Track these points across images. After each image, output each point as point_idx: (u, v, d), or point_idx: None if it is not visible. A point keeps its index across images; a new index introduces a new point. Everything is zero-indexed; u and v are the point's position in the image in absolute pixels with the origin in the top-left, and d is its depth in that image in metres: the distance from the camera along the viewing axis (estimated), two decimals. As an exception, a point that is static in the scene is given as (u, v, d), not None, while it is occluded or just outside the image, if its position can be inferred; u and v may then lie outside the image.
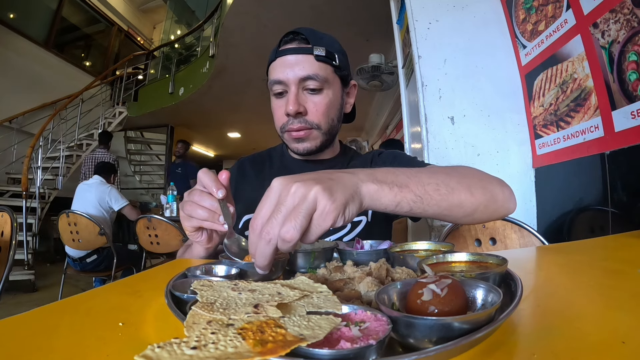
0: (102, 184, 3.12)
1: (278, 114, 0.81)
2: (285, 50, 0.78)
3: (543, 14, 1.26)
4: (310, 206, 0.38)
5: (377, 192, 0.45)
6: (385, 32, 2.84)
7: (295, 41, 0.79)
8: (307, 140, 0.80)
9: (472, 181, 0.55)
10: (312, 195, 0.38)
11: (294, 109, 0.75)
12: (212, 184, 0.54)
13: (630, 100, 0.91)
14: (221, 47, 4.41)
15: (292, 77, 0.76)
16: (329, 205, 0.38)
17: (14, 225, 1.21)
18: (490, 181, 0.59)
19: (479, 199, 0.54)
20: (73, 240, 2.81)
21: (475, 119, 1.46)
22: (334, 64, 0.79)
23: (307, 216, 0.37)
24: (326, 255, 0.53)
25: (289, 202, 0.38)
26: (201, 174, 0.55)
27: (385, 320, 0.26)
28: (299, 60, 0.76)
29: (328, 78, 0.78)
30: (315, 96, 0.78)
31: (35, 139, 4.76)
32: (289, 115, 0.78)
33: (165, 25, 8.92)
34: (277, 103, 0.81)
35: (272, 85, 0.79)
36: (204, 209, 0.55)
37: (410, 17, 1.55)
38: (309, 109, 0.78)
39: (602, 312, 0.32)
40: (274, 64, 0.79)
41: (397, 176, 0.49)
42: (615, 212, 0.97)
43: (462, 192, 0.52)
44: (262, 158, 0.96)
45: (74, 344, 0.29)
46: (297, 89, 0.77)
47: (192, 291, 0.32)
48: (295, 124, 0.78)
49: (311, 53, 0.77)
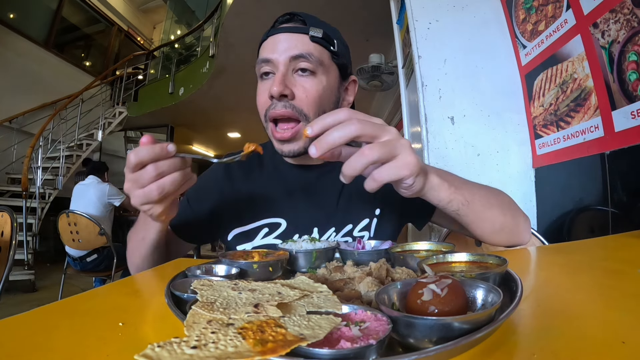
0: (99, 183, 3.15)
1: (261, 99, 0.69)
2: (279, 29, 0.68)
3: (543, 14, 1.26)
4: (398, 149, 0.43)
5: (439, 185, 0.52)
6: (385, 32, 2.84)
7: (291, 22, 0.70)
8: (292, 141, 0.68)
9: (505, 204, 0.62)
10: (405, 142, 0.44)
11: (278, 89, 0.63)
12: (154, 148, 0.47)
13: (630, 100, 0.91)
14: (221, 47, 4.42)
15: (281, 56, 0.65)
16: (412, 159, 0.44)
17: (14, 225, 1.21)
18: (517, 210, 0.65)
19: (508, 221, 0.61)
20: (73, 240, 2.82)
21: (475, 119, 1.46)
22: (331, 49, 0.69)
23: (390, 154, 0.43)
24: (327, 255, 0.53)
25: (386, 136, 0.43)
26: (134, 153, 0.47)
27: (385, 320, 0.26)
28: (292, 38, 0.66)
29: (323, 61, 0.68)
30: (307, 79, 0.66)
31: (35, 139, 4.77)
32: (272, 98, 0.65)
33: (165, 25, 8.93)
34: (262, 86, 0.69)
35: (259, 65, 0.69)
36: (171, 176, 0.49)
37: (410, 17, 1.55)
38: (297, 93, 0.66)
39: (602, 312, 0.32)
40: (264, 44, 0.70)
41: (455, 179, 0.57)
42: (615, 212, 0.97)
43: (497, 210, 0.60)
44: (251, 157, 0.85)
45: (74, 344, 0.29)
46: (287, 69, 0.66)
47: (192, 291, 0.32)
48: (278, 107, 0.65)
49: (306, 33, 0.67)
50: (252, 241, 0.74)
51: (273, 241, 0.73)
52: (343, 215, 0.76)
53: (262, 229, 0.74)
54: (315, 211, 0.75)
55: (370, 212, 0.77)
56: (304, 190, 0.77)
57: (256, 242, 0.74)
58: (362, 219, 0.76)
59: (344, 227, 0.75)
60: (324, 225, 0.74)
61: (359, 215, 0.76)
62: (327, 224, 0.75)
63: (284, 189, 0.77)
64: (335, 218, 0.75)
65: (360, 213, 0.76)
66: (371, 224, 0.76)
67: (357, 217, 0.76)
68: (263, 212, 0.75)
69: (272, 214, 0.75)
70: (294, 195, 0.77)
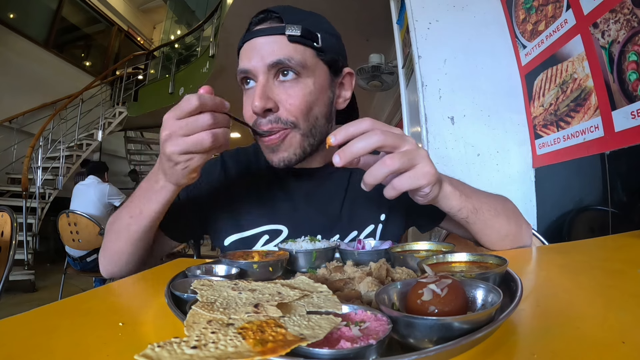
0: (99, 183, 3.15)
1: (247, 113, 0.64)
2: (254, 33, 0.62)
3: (543, 14, 1.26)
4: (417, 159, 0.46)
5: (452, 194, 0.54)
6: (385, 32, 2.83)
7: (267, 21, 0.64)
8: (281, 148, 0.63)
9: (509, 212, 0.64)
10: (423, 152, 0.46)
11: (259, 104, 0.58)
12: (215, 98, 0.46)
13: (630, 100, 0.91)
14: (221, 47, 4.42)
15: (258, 65, 0.60)
16: (431, 169, 0.47)
17: (14, 225, 1.21)
18: (520, 217, 0.67)
19: (512, 228, 0.63)
20: (73, 240, 2.82)
21: (475, 119, 1.46)
22: (315, 45, 0.62)
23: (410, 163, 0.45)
24: (327, 255, 0.53)
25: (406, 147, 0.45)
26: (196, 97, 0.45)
27: (385, 320, 0.26)
28: (268, 42, 0.61)
29: (307, 63, 0.61)
30: (290, 85, 0.61)
31: (35, 139, 4.77)
32: (256, 114, 0.61)
33: (165, 25, 8.93)
34: (246, 98, 0.65)
35: (239, 76, 0.65)
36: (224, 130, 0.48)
37: (410, 17, 1.55)
38: (280, 103, 0.61)
39: (602, 312, 0.32)
40: (241, 51, 0.64)
41: (465, 187, 0.59)
42: (615, 212, 0.97)
43: (503, 218, 0.61)
44: (247, 156, 0.78)
45: (74, 344, 0.29)
46: (266, 78, 0.61)
47: (192, 291, 0.32)
48: (264, 124, 0.61)
49: (282, 33, 0.60)
50: (252, 249, 0.69)
51: (274, 249, 0.69)
52: (347, 221, 0.73)
53: (262, 236, 0.70)
54: (318, 217, 0.71)
55: (376, 217, 0.74)
56: (306, 196, 0.73)
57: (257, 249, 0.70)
58: (367, 225, 0.73)
59: (349, 234, 0.72)
60: (327, 232, 0.70)
61: (364, 221, 0.73)
62: (331, 231, 0.71)
63: (285, 195, 0.73)
64: (340, 225, 0.72)
65: (366, 219, 0.73)
66: (376, 230, 0.73)
67: (362, 224, 0.73)
68: (263, 219, 0.71)
69: (273, 221, 0.71)
70: (295, 201, 0.73)
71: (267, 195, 0.73)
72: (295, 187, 0.74)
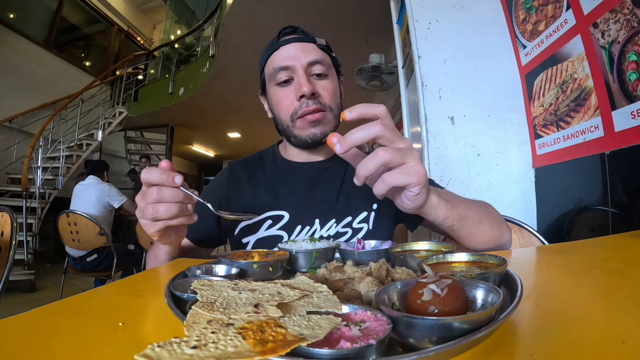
0: (99, 183, 3.14)
1: (285, 102, 0.77)
2: (288, 40, 0.77)
3: (543, 14, 1.26)
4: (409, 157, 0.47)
5: (438, 204, 0.56)
6: (385, 32, 2.84)
7: (295, 33, 0.80)
8: (322, 123, 0.77)
9: (492, 218, 0.67)
10: (416, 153, 0.48)
11: (309, 88, 0.73)
12: (163, 174, 0.51)
13: (630, 100, 0.91)
14: (221, 47, 4.42)
15: (299, 62, 0.75)
16: (422, 169, 0.48)
17: (14, 225, 1.21)
18: (502, 222, 0.69)
19: (495, 234, 0.65)
20: (73, 240, 2.82)
21: (475, 119, 1.46)
22: (332, 54, 0.81)
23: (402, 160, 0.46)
24: (327, 255, 0.53)
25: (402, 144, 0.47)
26: (145, 172, 0.52)
27: (385, 320, 0.26)
28: (304, 47, 0.76)
29: (330, 65, 0.80)
30: (323, 81, 0.77)
31: (35, 139, 4.76)
32: (302, 97, 0.74)
33: (165, 25, 8.93)
34: (282, 92, 0.78)
35: (277, 73, 0.76)
36: (168, 205, 0.52)
37: (410, 17, 1.55)
38: (320, 92, 0.76)
39: (602, 312, 0.32)
40: (276, 54, 0.78)
41: (451, 197, 0.62)
42: (615, 212, 0.97)
43: (487, 225, 0.64)
44: (254, 161, 0.91)
45: (74, 344, 0.29)
46: (305, 73, 0.75)
47: (192, 291, 0.32)
48: (310, 105, 0.74)
49: (314, 42, 0.78)
50: (257, 233, 0.78)
51: (277, 232, 0.78)
52: (343, 207, 0.81)
53: (265, 221, 0.79)
54: (317, 204, 0.80)
55: (368, 205, 0.82)
56: (306, 185, 0.83)
57: (260, 233, 0.78)
58: (360, 211, 0.81)
59: (344, 218, 0.79)
60: (324, 216, 0.79)
61: (358, 208, 0.81)
62: (327, 215, 0.79)
63: (286, 184, 0.83)
64: (336, 210, 0.80)
65: (359, 206, 0.81)
66: (369, 217, 0.81)
67: (355, 210, 0.81)
68: (266, 206, 0.80)
69: (275, 207, 0.79)
70: (296, 189, 0.82)
71: (271, 187, 0.83)
72: (296, 179, 0.84)
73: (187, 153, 10.17)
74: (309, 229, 0.78)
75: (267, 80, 0.81)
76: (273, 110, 0.82)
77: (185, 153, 10.13)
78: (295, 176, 0.84)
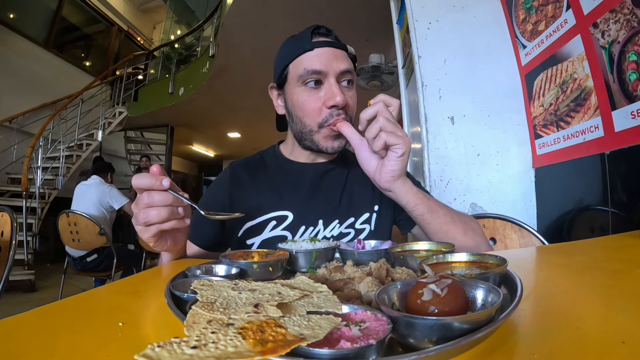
0: (101, 183, 3.14)
1: (315, 107, 0.74)
2: (323, 42, 0.75)
3: (543, 14, 1.26)
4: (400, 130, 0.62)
5: (410, 190, 0.66)
6: (385, 32, 2.84)
7: (329, 35, 0.77)
8: (341, 136, 0.76)
9: (469, 228, 0.69)
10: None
11: (342, 99, 0.72)
12: (152, 178, 0.52)
13: (630, 100, 0.91)
14: (221, 47, 4.41)
15: (333, 69, 0.73)
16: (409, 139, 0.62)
17: (14, 225, 1.21)
18: (482, 237, 0.71)
19: (468, 242, 0.67)
20: (73, 240, 2.82)
21: (475, 119, 1.46)
22: (355, 65, 0.81)
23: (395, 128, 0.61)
24: (327, 255, 0.53)
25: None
26: (135, 178, 0.53)
27: (385, 320, 0.26)
28: (338, 54, 0.75)
29: (355, 76, 0.80)
30: (350, 90, 0.77)
31: (35, 139, 4.76)
32: (332, 107, 0.73)
33: (165, 25, 8.92)
34: (311, 96, 0.75)
35: (308, 74, 0.73)
36: (158, 209, 0.53)
37: (410, 17, 1.55)
38: (349, 103, 0.76)
39: (602, 312, 0.32)
40: (309, 54, 0.74)
41: (426, 194, 0.70)
42: (615, 212, 0.97)
43: (460, 228, 0.67)
44: (255, 162, 0.89)
45: (74, 344, 0.29)
46: (336, 81, 0.74)
47: (192, 291, 0.32)
48: (341, 115, 0.74)
49: (346, 50, 0.77)
50: (261, 234, 0.78)
51: (281, 233, 0.78)
52: (346, 209, 0.82)
53: (270, 222, 0.78)
54: (320, 205, 0.81)
55: (370, 207, 0.83)
56: (310, 186, 0.83)
57: (265, 234, 0.78)
58: (363, 212, 0.82)
59: (347, 219, 0.81)
60: (328, 217, 0.80)
61: (360, 209, 0.82)
62: (331, 216, 0.80)
63: (290, 185, 0.83)
64: (339, 211, 0.81)
65: (362, 207, 0.83)
66: (371, 218, 0.82)
67: (358, 211, 0.82)
68: (270, 206, 0.79)
69: (279, 208, 0.79)
70: (300, 190, 0.82)
71: (275, 187, 0.83)
72: (300, 179, 0.83)
73: (187, 153, 10.17)
74: (312, 229, 0.78)
75: (291, 78, 0.77)
76: (293, 110, 0.78)
77: (185, 153, 10.13)
78: (299, 177, 0.84)
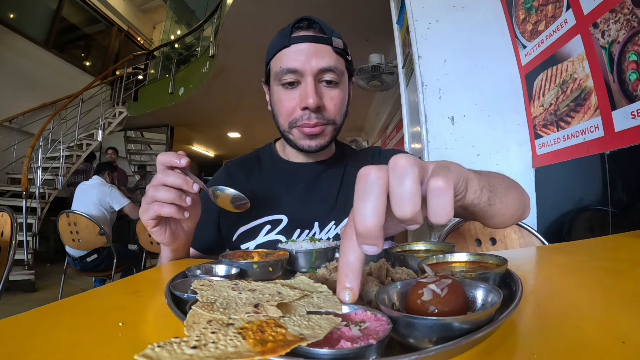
0: (102, 184, 3.14)
1: (287, 107, 0.71)
2: (302, 37, 0.69)
3: (543, 14, 1.26)
4: None
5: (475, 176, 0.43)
6: (385, 32, 2.83)
7: (311, 29, 0.71)
8: (320, 136, 0.72)
9: (511, 186, 0.55)
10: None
11: (314, 102, 0.67)
12: (175, 155, 0.53)
13: (630, 100, 0.91)
14: (221, 47, 4.41)
15: (310, 67, 0.68)
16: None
17: (14, 225, 1.21)
18: (522, 188, 0.59)
19: (520, 200, 0.55)
20: (73, 240, 2.82)
21: (475, 119, 1.46)
22: (347, 58, 0.75)
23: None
24: (327, 255, 0.53)
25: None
26: (160, 156, 0.54)
27: (385, 320, 0.26)
28: (318, 49, 0.69)
29: (344, 71, 0.73)
30: (332, 90, 0.71)
31: (35, 139, 4.76)
32: (305, 109, 0.69)
33: (165, 25, 8.93)
34: (285, 95, 0.71)
35: (283, 74, 0.69)
36: (167, 188, 0.53)
37: (410, 17, 1.55)
38: (326, 104, 0.71)
39: (602, 312, 0.32)
40: (286, 51, 0.70)
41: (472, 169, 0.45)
42: (615, 212, 0.97)
43: (513, 192, 0.53)
44: (251, 160, 0.87)
45: (74, 344, 0.29)
46: (314, 80, 0.69)
47: (192, 291, 0.32)
48: (312, 119, 0.70)
49: (330, 44, 0.70)
50: (256, 239, 0.76)
51: (276, 237, 0.76)
52: (342, 208, 0.78)
53: (264, 226, 0.77)
54: (316, 206, 0.78)
55: None
56: (304, 187, 0.80)
57: (259, 239, 0.76)
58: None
59: (343, 220, 0.77)
60: (324, 219, 0.77)
61: None
62: (327, 217, 0.77)
63: (284, 187, 0.80)
64: (335, 212, 0.78)
65: None
66: None
67: None
68: (264, 210, 0.77)
69: (273, 211, 0.77)
70: (294, 192, 0.80)
71: (269, 190, 0.80)
72: (294, 180, 0.82)
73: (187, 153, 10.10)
74: (308, 232, 0.76)
75: (272, 75, 0.75)
76: (273, 108, 0.77)
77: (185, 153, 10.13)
78: (293, 178, 0.82)
